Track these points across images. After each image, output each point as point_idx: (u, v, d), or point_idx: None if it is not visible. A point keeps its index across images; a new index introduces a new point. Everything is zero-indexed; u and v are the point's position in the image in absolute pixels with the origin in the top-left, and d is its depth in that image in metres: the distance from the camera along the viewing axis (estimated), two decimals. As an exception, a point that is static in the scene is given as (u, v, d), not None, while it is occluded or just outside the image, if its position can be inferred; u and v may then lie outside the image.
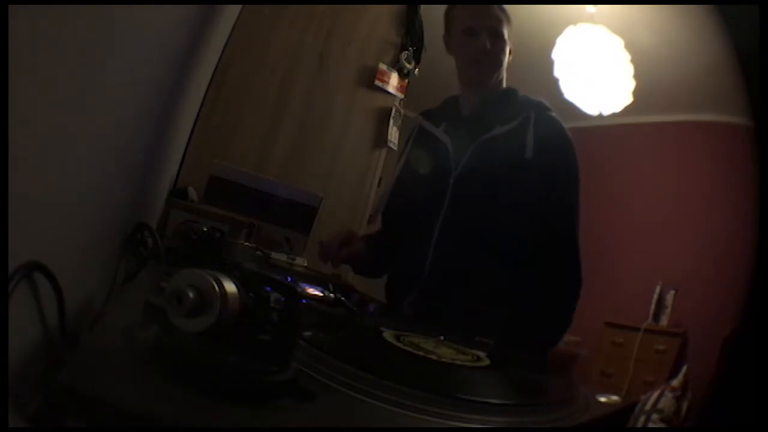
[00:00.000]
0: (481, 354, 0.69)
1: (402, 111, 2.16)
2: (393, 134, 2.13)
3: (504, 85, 1.19)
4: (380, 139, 2.11)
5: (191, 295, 0.39)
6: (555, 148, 1.10)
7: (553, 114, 1.14)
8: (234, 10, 1.67)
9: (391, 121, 2.11)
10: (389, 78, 2.10)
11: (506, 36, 1.14)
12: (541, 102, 1.16)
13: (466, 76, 1.19)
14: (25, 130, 0.37)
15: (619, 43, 2.50)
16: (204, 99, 1.76)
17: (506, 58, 1.16)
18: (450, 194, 1.12)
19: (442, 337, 0.69)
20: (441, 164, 1.14)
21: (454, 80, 1.21)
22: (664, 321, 3.04)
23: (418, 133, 1.25)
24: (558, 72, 2.34)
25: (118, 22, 0.50)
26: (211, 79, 1.77)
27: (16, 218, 0.37)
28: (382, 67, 2.08)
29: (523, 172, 1.07)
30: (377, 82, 2.08)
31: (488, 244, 1.08)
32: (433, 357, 0.62)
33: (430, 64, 2.14)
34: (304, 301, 0.48)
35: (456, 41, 1.18)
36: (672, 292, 3.04)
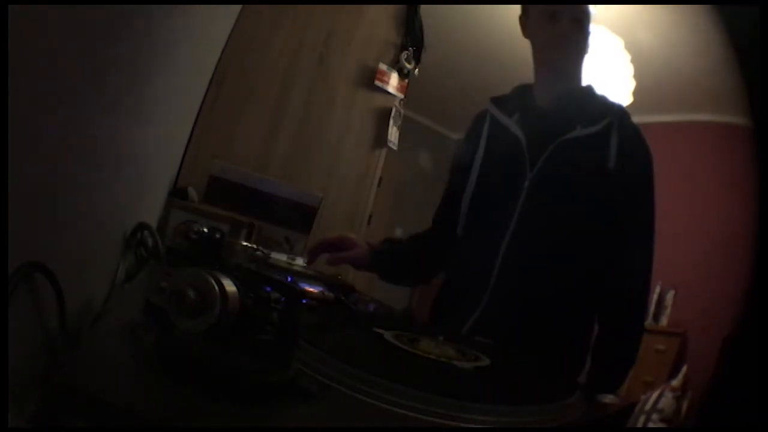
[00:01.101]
0: (481, 354, 0.69)
1: (402, 111, 2.16)
2: (393, 134, 2.13)
3: (581, 81, 1.10)
4: (380, 139, 2.11)
5: (191, 295, 0.39)
6: (638, 159, 1.02)
7: (634, 122, 1.06)
8: (234, 10, 1.67)
9: (391, 121, 2.11)
10: (389, 78, 2.10)
11: (587, 29, 1.07)
12: (622, 107, 1.07)
13: (542, 60, 1.09)
14: (23, 130, 0.37)
15: (619, 43, 2.50)
16: (204, 99, 1.76)
17: (585, 53, 1.09)
18: (524, 197, 1.01)
19: (441, 338, 0.69)
20: (514, 161, 1.03)
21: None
22: (663, 321, 3.04)
23: (489, 122, 1.11)
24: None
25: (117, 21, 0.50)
26: (211, 79, 1.77)
27: (16, 218, 0.37)
28: (382, 67, 2.08)
29: (606, 182, 0.99)
30: (377, 82, 2.08)
31: (563, 257, 1.00)
32: (433, 357, 0.62)
33: (430, 64, 2.14)
34: (304, 300, 0.48)
35: (534, 24, 1.09)
36: (672, 292, 3.04)
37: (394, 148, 2.12)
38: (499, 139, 1.08)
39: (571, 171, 1.00)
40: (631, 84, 2.56)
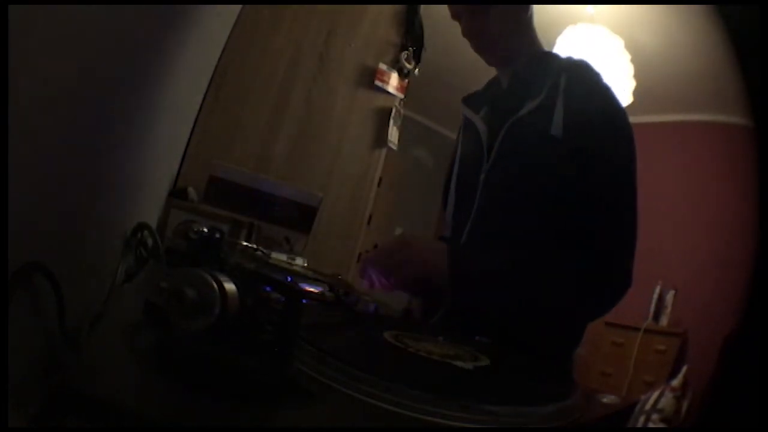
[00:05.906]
0: (481, 354, 0.69)
1: (402, 111, 2.16)
2: (393, 134, 2.13)
3: (531, 52, 1.03)
4: (380, 139, 2.11)
5: (191, 294, 0.39)
6: (593, 119, 0.91)
7: (591, 75, 0.96)
8: (234, 10, 1.67)
9: (392, 121, 2.11)
10: (389, 78, 2.10)
11: (490, 6, 0.98)
12: (579, 62, 0.98)
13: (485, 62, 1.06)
14: (22, 130, 0.37)
15: (619, 43, 2.50)
16: (204, 99, 1.76)
17: (513, 25, 1.01)
18: (482, 185, 0.98)
19: (441, 338, 0.69)
20: (478, 155, 1.00)
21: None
22: (664, 321, 3.04)
23: (463, 123, 1.09)
24: (558, 72, 2.34)
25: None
26: (211, 79, 1.77)
27: (17, 218, 0.37)
28: (382, 67, 2.09)
29: (555, 152, 0.90)
30: (377, 82, 2.08)
31: (518, 248, 0.92)
32: (433, 357, 0.62)
33: (430, 64, 2.14)
34: (304, 300, 0.48)
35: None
36: (672, 292, 3.05)
37: (394, 148, 2.12)
38: (470, 137, 1.06)
39: (519, 150, 0.95)
40: (631, 84, 2.56)
